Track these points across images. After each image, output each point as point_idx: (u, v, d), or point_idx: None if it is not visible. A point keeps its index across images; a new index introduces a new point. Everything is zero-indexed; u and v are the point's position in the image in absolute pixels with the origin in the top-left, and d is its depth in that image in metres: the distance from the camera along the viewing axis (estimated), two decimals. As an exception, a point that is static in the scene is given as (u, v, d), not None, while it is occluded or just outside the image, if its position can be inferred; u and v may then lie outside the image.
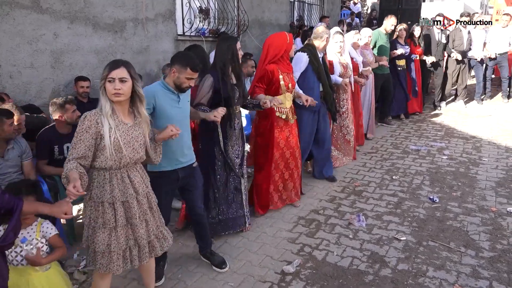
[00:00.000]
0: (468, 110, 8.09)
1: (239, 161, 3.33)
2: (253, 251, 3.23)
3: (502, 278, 2.82)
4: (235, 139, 3.25)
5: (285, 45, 3.56)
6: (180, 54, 2.68)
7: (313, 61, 4.05)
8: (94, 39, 4.58)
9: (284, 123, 3.72)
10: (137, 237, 2.22)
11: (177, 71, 2.53)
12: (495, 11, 11.70)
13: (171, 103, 2.59)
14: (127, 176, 2.16)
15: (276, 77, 3.54)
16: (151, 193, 2.36)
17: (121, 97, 2.05)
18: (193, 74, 2.56)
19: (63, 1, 4.23)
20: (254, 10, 7.39)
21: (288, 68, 3.68)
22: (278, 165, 3.77)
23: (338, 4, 11.72)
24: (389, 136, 6.44)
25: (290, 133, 3.78)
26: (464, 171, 4.88)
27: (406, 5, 9.60)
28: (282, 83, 3.56)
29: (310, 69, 4.08)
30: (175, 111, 2.60)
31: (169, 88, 2.59)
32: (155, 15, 5.37)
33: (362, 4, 16.31)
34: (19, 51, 3.91)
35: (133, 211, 2.17)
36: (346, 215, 3.79)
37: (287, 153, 3.78)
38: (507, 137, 6.22)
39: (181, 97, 2.64)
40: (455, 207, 3.92)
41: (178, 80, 2.55)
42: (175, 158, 2.65)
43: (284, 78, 3.57)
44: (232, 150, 3.24)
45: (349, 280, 2.84)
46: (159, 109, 2.54)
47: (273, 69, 3.52)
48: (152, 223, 2.32)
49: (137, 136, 2.17)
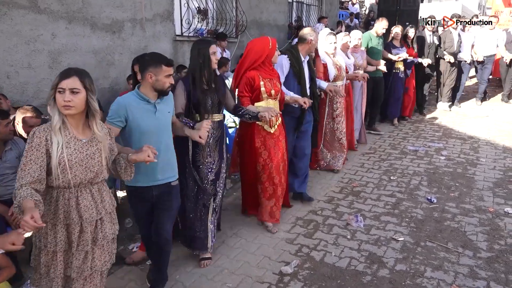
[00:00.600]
0: (466, 111, 8.12)
1: (213, 177, 3.03)
2: (251, 252, 3.22)
3: (499, 279, 2.83)
4: (209, 151, 2.97)
5: (267, 51, 3.31)
6: (147, 57, 2.45)
7: (295, 65, 3.81)
8: (92, 39, 4.57)
9: (267, 133, 3.43)
10: (72, 268, 1.96)
11: (153, 74, 2.34)
12: (493, 12, 11.73)
13: (146, 114, 2.38)
14: (75, 197, 1.91)
15: (256, 83, 3.32)
16: (108, 222, 2.05)
17: (72, 110, 1.83)
18: (170, 70, 2.39)
19: (61, 1, 4.22)
20: (252, 10, 7.39)
21: (271, 74, 3.45)
22: (261, 177, 3.48)
23: (337, 5, 11.74)
24: (387, 137, 6.44)
25: (275, 144, 3.47)
26: (461, 172, 4.89)
27: (404, 6, 9.61)
28: (263, 89, 3.33)
29: (291, 73, 3.83)
30: (152, 123, 2.39)
31: (144, 98, 2.39)
32: (153, 15, 5.36)
33: (360, 5, 16.33)
34: (17, 51, 3.90)
35: (72, 237, 1.92)
36: (344, 216, 3.79)
37: (271, 166, 3.45)
38: (504, 137, 6.24)
39: (158, 107, 2.42)
40: (453, 208, 3.93)
41: (158, 83, 2.36)
42: (152, 174, 2.44)
43: (265, 85, 3.34)
44: (204, 162, 2.96)
45: (347, 280, 2.84)
46: (132, 121, 2.35)
47: (253, 75, 3.31)
48: (97, 256, 2.02)
49: (93, 154, 1.94)
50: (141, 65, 2.44)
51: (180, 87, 2.86)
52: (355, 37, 5.59)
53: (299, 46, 3.89)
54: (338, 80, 4.70)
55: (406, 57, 6.54)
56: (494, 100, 8.80)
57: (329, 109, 4.80)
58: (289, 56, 3.81)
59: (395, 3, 9.68)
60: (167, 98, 2.52)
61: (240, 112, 3.18)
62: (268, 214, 3.53)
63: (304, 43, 3.87)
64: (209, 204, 3.05)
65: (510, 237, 3.38)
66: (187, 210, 3.02)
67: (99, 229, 2.01)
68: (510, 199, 4.10)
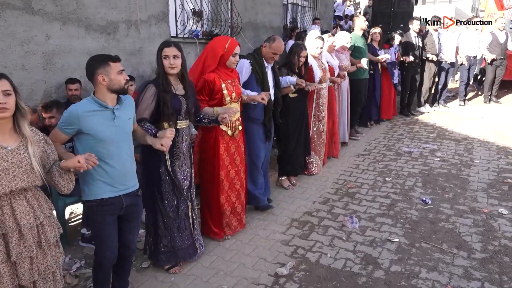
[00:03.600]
0: (460, 112, 8.18)
1: (188, 183, 2.95)
2: (246, 253, 3.22)
3: (493, 279, 2.84)
4: (184, 158, 2.87)
5: (220, 53, 3.08)
6: (91, 61, 2.23)
7: (257, 70, 3.59)
8: (86, 40, 4.55)
9: (230, 138, 3.28)
10: (19, 276, 1.89)
11: (104, 75, 2.16)
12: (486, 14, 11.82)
13: (104, 122, 2.20)
14: (9, 205, 1.83)
15: (218, 86, 3.09)
16: (48, 226, 1.99)
17: (7, 113, 1.77)
18: (118, 65, 2.22)
19: (55, 3, 4.20)
20: (247, 12, 7.39)
21: (231, 75, 3.22)
22: (224, 187, 3.31)
23: (331, 6, 11.77)
24: (381, 138, 6.47)
25: (236, 149, 3.35)
26: (456, 173, 4.92)
27: (398, 8, 9.67)
28: (226, 92, 3.13)
29: (253, 79, 3.61)
30: (111, 130, 2.22)
31: (102, 104, 2.20)
32: (148, 16, 5.35)
33: (355, 7, 16.40)
34: (10, 52, 3.87)
35: (10, 246, 1.84)
36: (339, 217, 3.80)
37: (232, 172, 3.35)
38: (498, 139, 6.29)
39: (117, 113, 2.24)
40: (447, 209, 3.95)
41: (113, 83, 2.19)
42: (119, 183, 2.30)
43: (227, 87, 3.14)
44: (181, 171, 2.86)
45: (342, 282, 2.84)
46: (88, 130, 2.17)
47: (213, 78, 3.08)
48: (40, 261, 1.96)
49: (20, 161, 1.82)
50: (87, 71, 2.23)
51: (150, 91, 2.66)
52: (344, 38, 5.54)
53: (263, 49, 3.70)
54: (324, 82, 4.71)
55: (389, 57, 6.62)
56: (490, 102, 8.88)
57: (315, 111, 4.76)
58: (251, 61, 3.59)
59: (389, 5, 9.74)
60: (127, 104, 2.36)
61: (197, 117, 2.99)
62: (237, 223, 3.47)
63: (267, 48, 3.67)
64: (189, 212, 2.97)
65: (504, 238, 3.40)
66: (168, 225, 2.88)
67: (41, 233, 1.95)
68: (504, 200, 4.13)
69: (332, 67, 5.12)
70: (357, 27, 6.27)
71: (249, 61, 3.59)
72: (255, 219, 3.76)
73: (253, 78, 3.61)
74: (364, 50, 6.16)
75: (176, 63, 2.67)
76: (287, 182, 4.55)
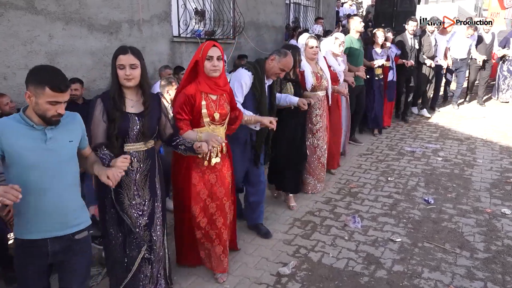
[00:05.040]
0: (463, 112, 8.16)
1: (145, 220, 2.37)
2: (248, 253, 3.22)
3: (496, 279, 2.84)
4: (137, 189, 2.32)
5: (195, 59, 2.56)
6: (35, 69, 1.79)
7: (256, 86, 3.05)
8: (89, 40, 4.56)
9: (207, 166, 2.68)
10: None
11: (32, 94, 1.74)
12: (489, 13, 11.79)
13: (32, 143, 1.78)
14: None
15: (197, 103, 2.53)
16: None
17: None
18: (57, 96, 1.74)
19: (58, 2, 4.21)
20: (249, 12, 7.39)
21: (216, 89, 2.59)
22: (199, 223, 2.74)
23: (334, 6, 11.75)
24: (384, 138, 6.46)
25: (217, 179, 2.72)
26: (458, 173, 4.90)
27: (401, 7, 9.64)
28: (204, 112, 2.54)
29: (249, 96, 3.06)
30: (41, 155, 1.79)
31: (28, 122, 1.79)
32: (151, 16, 5.36)
33: (357, 6, 16.38)
34: (14, 52, 3.89)
35: None
36: (341, 217, 3.79)
37: (212, 206, 2.73)
38: (501, 138, 6.27)
39: (49, 134, 1.81)
40: (450, 209, 3.94)
41: (38, 108, 1.75)
42: (46, 222, 1.85)
43: (208, 105, 2.55)
44: (131, 203, 2.31)
45: (344, 281, 2.84)
46: (10, 153, 1.76)
47: (193, 92, 2.52)
48: None
49: None
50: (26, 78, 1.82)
51: (98, 108, 2.19)
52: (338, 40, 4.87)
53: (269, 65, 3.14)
54: (319, 90, 4.08)
55: (383, 63, 6.10)
56: (490, 101, 8.85)
57: (309, 124, 4.13)
58: (254, 74, 3.04)
59: (392, 4, 9.71)
60: (70, 122, 1.93)
61: (174, 142, 2.46)
62: (217, 265, 2.85)
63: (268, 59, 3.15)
64: (149, 254, 2.41)
65: (507, 238, 3.39)
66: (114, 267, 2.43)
67: None
68: (507, 200, 4.12)
69: (335, 73, 4.60)
70: (352, 29, 5.70)
71: (251, 73, 3.03)
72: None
73: (249, 95, 3.05)
74: (359, 53, 5.64)
75: (134, 74, 2.17)
76: (274, 191, 4.17)
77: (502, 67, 8.65)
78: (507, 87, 8.72)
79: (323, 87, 4.12)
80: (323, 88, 4.13)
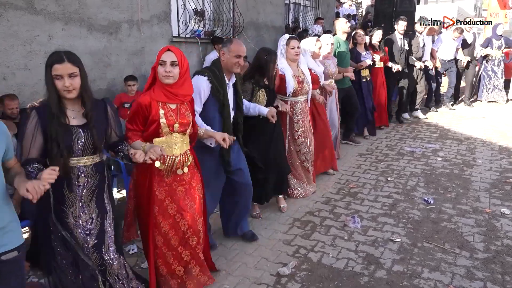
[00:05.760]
0: (462, 112, 8.17)
1: (95, 240, 2.15)
2: (248, 253, 3.22)
3: (496, 279, 2.84)
4: (83, 206, 2.12)
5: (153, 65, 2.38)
6: None
7: (218, 89, 2.80)
8: (88, 40, 4.56)
9: (173, 178, 2.47)
10: None
11: None
12: (489, 13, 11.79)
13: None
14: None
15: (154, 112, 2.34)
16: None
17: None
18: None
19: (58, 3, 4.21)
20: (249, 12, 7.39)
21: (177, 97, 2.39)
22: (169, 241, 2.48)
23: (333, 6, 11.76)
24: (384, 138, 6.46)
25: (186, 193, 2.51)
26: (458, 173, 4.91)
27: (400, 7, 9.63)
28: (163, 122, 2.35)
29: (212, 101, 2.84)
30: None
31: None
32: (150, 16, 5.36)
33: (357, 6, 16.39)
34: (13, 52, 3.89)
35: None
36: (341, 217, 3.79)
37: (183, 223, 2.50)
38: (500, 138, 6.28)
39: None
40: (450, 209, 3.94)
41: None
42: None
43: (167, 114, 2.36)
44: (76, 222, 2.12)
45: (344, 281, 2.84)
46: None
47: (147, 102, 2.34)
48: None
49: None
50: None
51: (32, 123, 1.98)
52: (327, 42, 4.82)
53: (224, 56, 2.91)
54: (300, 95, 3.92)
55: (370, 63, 5.96)
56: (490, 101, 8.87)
57: (289, 130, 4.01)
58: (210, 78, 2.80)
59: (391, 4, 9.71)
60: None
61: (115, 149, 2.28)
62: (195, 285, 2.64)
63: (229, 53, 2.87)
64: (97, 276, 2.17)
65: (507, 238, 3.40)
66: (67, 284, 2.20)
67: None
68: (506, 200, 4.12)
69: (316, 75, 4.37)
70: (338, 30, 5.54)
71: (206, 78, 2.79)
72: (256, 219, 3.76)
73: (211, 100, 2.84)
74: (346, 55, 5.51)
75: (74, 84, 1.97)
76: (255, 210, 3.81)
77: (486, 67, 8.63)
78: (492, 86, 8.71)
79: (305, 91, 3.97)
80: (304, 92, 3.98)
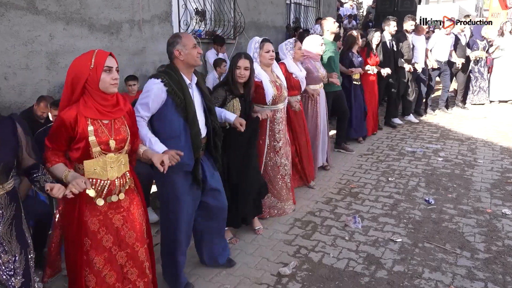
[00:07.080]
0: (463, 112, 8.15)
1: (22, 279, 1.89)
2: (249, 253, 3.22)
3: (497, 280, 2.83)
4: (3, 244, 1.83)
5: (85, 75, 1.95)
6: None
7: (175, 91, 2.42)
8: (90, 40, 4.57)
9: (108, 206, 2.11)
10: None
11: None
12: (490, 13, 11.80)
13: None
14: None
15: (80, 130, 1.95)
16: None
17: None
18: None
19: (59, 2, 4.22)
20: (250, 12, 7.40)
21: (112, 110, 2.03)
22: (104, 279, 2.10)
23: (334, 6, 11.77)
24: (385, 138, 6.45)
25: (124, 221, 2.16)
26: (459, 173, 4.90)
27: (401, 7, 9.66)
28: (93, 140, 1.96)
29: (170, 105, 2.45)
30: None
31: None
32: (151, 16, 5.37)
33: (357, 6, 16.39)
34: (14, 52, 3.90)
35: None
36: (342, 217, 3.79)
37: (121, 255, 2.16)
38: (501, 139, 6.27)
39: None
40: (451, 209, 3.94)
41: None
42: None
43: (97, 131, 1.98)
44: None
45: (345, 282, 2.84)
46: None
47: (72, 116, 1.94)
48: None
49: None
50: None
51: None
52: (316, 43, 4.50)
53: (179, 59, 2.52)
54: (279, 102, 3.58)
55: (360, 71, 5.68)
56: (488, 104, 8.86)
57: (270, 141, 3.63)
58: (165, 80, 2.42)
59: (392, 5, 9.72)
60: None
61: (31, 176, 1.91)
62: None
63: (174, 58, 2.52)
64: None
65: (508, 238, 3.39)
66: None
67: None
68: (507, 200, 4.12)
69: (297, 80, 4.05)
70: (326, 30, 5.12)
71: (160, 80, 2.42)
72: (256, 219, 3.76)
73: (170, 104, 2.45)
74: (333, 58, 5.08)
75: None
76: (229, 234, 3.42)
77: (473, 69, 8.34)
78: (478, 88, 8.44)
79: (283, 97, 3.62)
80: (283, 99, 3.63)
